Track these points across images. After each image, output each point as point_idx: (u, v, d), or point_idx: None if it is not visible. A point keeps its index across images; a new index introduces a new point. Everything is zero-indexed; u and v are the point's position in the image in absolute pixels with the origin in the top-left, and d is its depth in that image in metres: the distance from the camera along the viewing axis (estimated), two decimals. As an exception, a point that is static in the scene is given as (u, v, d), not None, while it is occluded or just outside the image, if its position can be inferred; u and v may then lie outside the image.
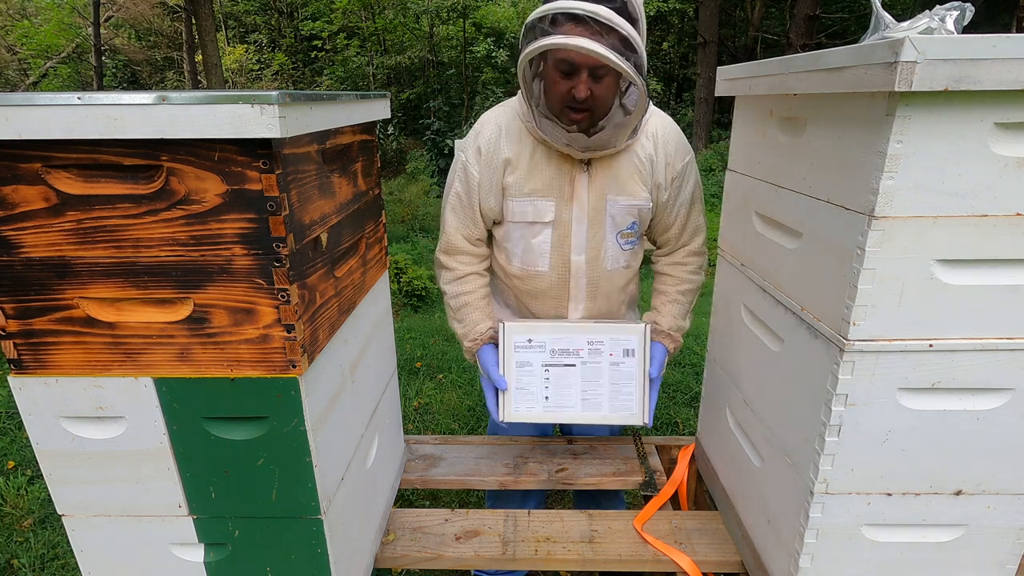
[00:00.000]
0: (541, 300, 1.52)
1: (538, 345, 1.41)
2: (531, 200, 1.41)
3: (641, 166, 1.41)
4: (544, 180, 1.40)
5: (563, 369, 1.40)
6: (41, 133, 0.72)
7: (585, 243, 1.44)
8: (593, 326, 1.43)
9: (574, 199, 1.40)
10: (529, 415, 1.35)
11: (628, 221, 1.44)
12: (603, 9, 1.13)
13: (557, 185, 1.40)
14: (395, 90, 13.75)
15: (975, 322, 0.84)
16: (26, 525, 2.27)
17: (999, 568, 1.00)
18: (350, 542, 1.08)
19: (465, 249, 1.51)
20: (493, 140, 1.41)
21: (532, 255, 1.46)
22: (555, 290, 1.49)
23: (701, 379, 1.59)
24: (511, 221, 1.45)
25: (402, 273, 4.78)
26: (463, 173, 1.44)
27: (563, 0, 1.16)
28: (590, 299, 1.50)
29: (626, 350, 1.40)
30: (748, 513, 1.23)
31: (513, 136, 1.41)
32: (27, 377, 0.87)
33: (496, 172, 1.42)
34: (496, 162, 1.41)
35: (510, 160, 1.40)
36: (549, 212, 1.41)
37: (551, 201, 1.41)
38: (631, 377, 1.39)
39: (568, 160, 1.38)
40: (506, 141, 1.41)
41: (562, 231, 1.43)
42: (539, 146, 1.39)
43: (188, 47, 13.99)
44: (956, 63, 0.69)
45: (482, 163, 1.42)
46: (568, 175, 1.39)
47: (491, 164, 1.41)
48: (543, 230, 1.44)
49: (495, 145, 1.41)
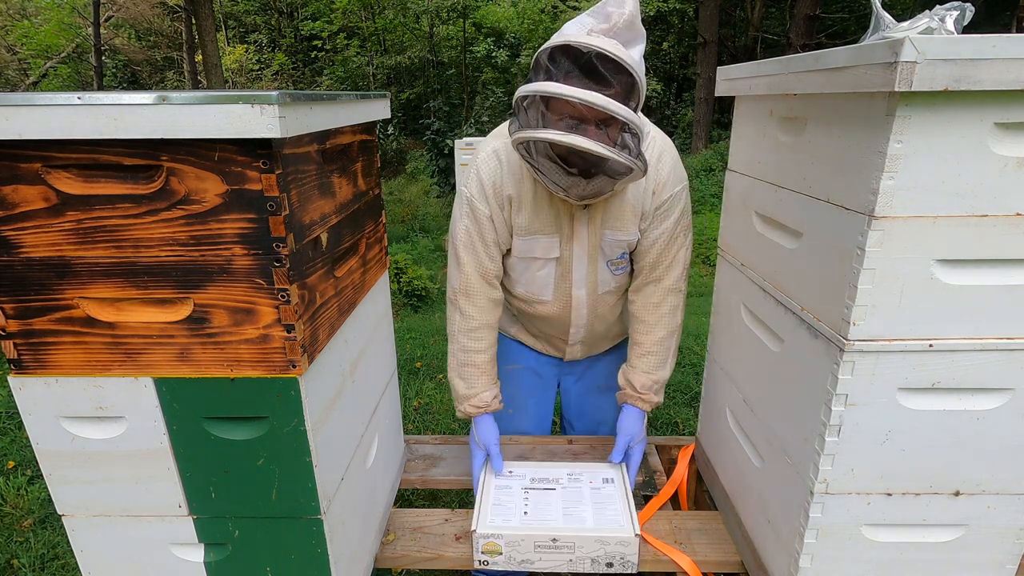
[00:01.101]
0: (544, 322, 1.56)
1: (518, 476, 1.44)
2: (535, 238, 1.41)
3: (635, 200, 1.38)
4: (546, 219, 1.39)
5: (543, 492, 1.38)
6: (41, 133, 0.72)
7: (584, 277, 1.46)
8: (571, 463, 1.49)
9: (575, 238, 1.41)
10: (506, 527, 1.26)
11: (618, 252, 1.44)
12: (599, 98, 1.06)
13: (558, 224, 1.39)
14: (395, 90, 13.75)
15: (975, 322, 0.84)
16: (26, 525, 2.27)
17: (999, 568, 1.00)
18: (350, 542, 1.08)
19: (483, 292, 1.46)
20: (496, 176, 1.38)
21: (536, 285, 1.49)
22: (557, 317, 1.53)
23: (701, 379, 1.59)
24: (516, 256, 1.45)
25: (402, 273, 4.79)
26: (469, 209, 1.41)
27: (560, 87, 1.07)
28: (588, 326, 1.55)
29: (605, 479, 1.42)
30: (748, 513, 1.23)
31: (514, 171, 1.38)
32: (27, 377, 0.87)
33: (503, 206, 1.40)
34: (501, 198, 1.39)
35: (512, 197, 1.38)
36: (553, 249, 1.42)
37: (555, 238, 1.41)
38: (613, 499, 1.35)
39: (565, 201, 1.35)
40: (508, 177, 1.38)
41: (564, 268, 1.45)
42: (539, 183, 1.34)
43: (188, 47, 14.00)
44: (956, 63, 0.69)
45: (489, 198, 1.39)
46: (567, 213, 1.38)
47: (497, 198, 1.39)
48: (546, 265, 1.45)
49: (499, 181, 1.38)
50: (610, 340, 1.67)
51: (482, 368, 1.47)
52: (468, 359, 1.46)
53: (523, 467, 1.47)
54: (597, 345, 1.66)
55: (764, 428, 1.13)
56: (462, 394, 1.48)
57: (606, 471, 1.45)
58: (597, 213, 1.39)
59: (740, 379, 1.27)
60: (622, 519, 1.28)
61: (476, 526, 1.26)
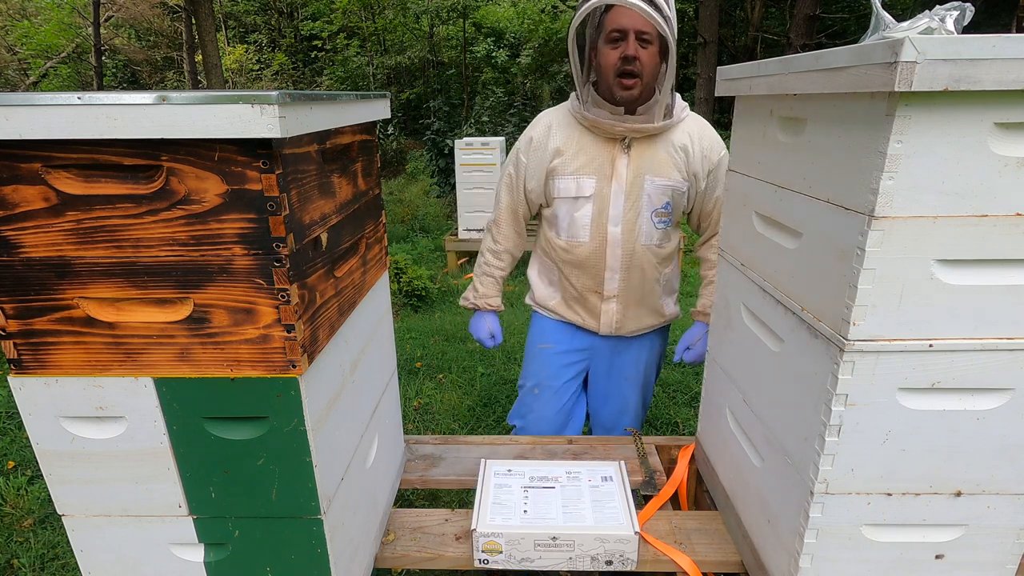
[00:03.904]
0: (581, 270, 1.70)
1: (517, 474, 1.45)
2: (575, 178, 1.62)
3: (676, 154, 1.61)
4: (588, 160, 1.60)
5: (542, 491, 1.39)
6: (41, 133, 0.72)
7: (621, 215, 1.61)
8: (571, 461, 1.52)
9: (614, 177, 1.60)
10: (506, 526, 1.26)
11: (663, 201, 1.62)
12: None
13: (599, 164, 1.60)
14: (395, 90, 13.73)
15: (975, 322, 0.84)
16: (26, 525, 2.27)
17: (999, 568, 1.00)
18: (350, 542, 1.08)
19: (511, 225, 1.80)
20: (544, 132, 1.66)
21: (575, 228, 1.66)
22: (593, 259, 1.67)
23: (701, 379, 1.59)
24: (558, 197, 1.66)
25: (402, 273, 4.78)
26: (515, 158, 1.72)
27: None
28: (624, 269, 1.67)
29: (604, 477, 1.43)
30: (748, 513, 1.23)
31: (563, 127, 1.64)
32: (27, 377, 0.87)
33: (543, 159, 1.66)
34: (545, 151, 1.65)
35: (559, 148, 1.63)
36: (590, 187, 1.61)
37: (592, 178, 1.61)
38: (612, 496, 1.36)
39: (610, 144, 1.59)
40: (557, 132, 1.64)
41: (601, 205, 1.62)
42: (586, 133, 1.61)
43: (188, 47, 13.99)
44: (956, 63, 0.69)
45: (531, 151, 1.67)
46: (609, 156, 1.59)
47: (539, 152, 1.66)
48: (585, 204, 1.63)
49: (545, 136, 1.65)
50: (645, 314, 1.76)
51: (498, 280, 1.86)
52: (490, 271, 1.85)
53: (523, 465, 1.48)
54: (631, 313, 1.74)
55: (764, 428, 1.13)
56: (480, 292, 1.86)
57: (605, 469, 1.45)
58: (636, 158, 1.59)
59: (740, 379, 1.27)
60: (621, 517, 1.29)
61: (476, 525, 1.26)
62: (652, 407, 3.17)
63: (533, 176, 1.68)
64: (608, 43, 1.49)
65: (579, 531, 1.24)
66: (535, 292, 1.86)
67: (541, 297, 1.84)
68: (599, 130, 1.59)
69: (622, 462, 1.47)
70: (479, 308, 1.88)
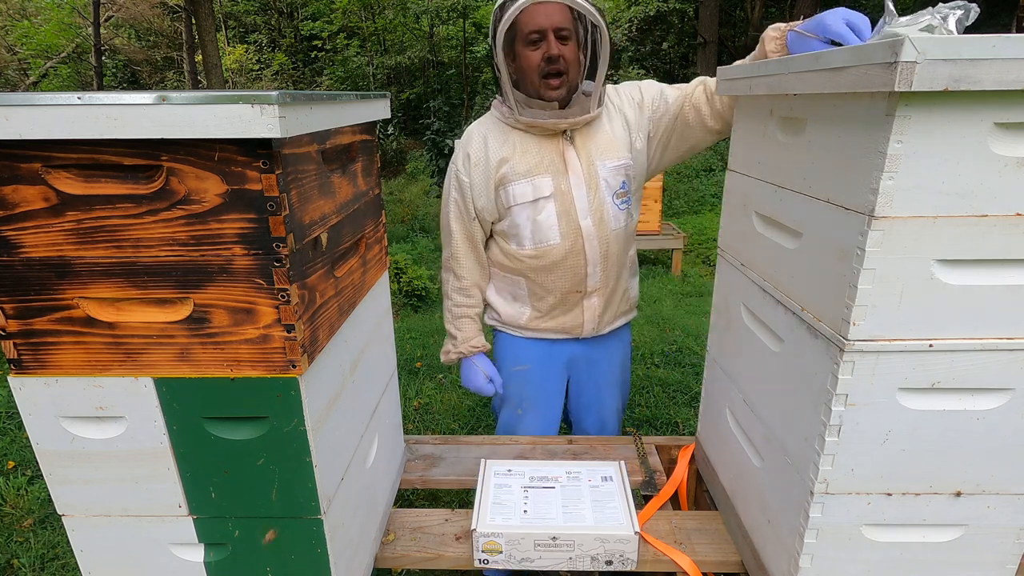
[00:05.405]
0: (558, 273, 1.60)
1: (517, 474, 1.45)
2: (529, 180, 1.54)
3: (614, 129, 1.56)
4: (536, 159, 1.53)
5: (542, 491, 1.38)
6: (41, 133, 0.72)
7: (588, 206, 1.55)
8: (571, 461, 1.51)
9: (568, 169, 1.54)
10: (506, 526, 1.26)
11: (619, 181, 1.57)
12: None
13: (549, 161, 1.53)
14: (395, 90, 13.73)
15: (975, 322, 0.84)
16: (26, 525, 2.27)
17: (999, 568, 1.00)
18: (350, 542, 1.08)
19: (471, 255, 1.67)
20: (480, 145, 1.57)
21: (542, 231, 1.57)
22: (570, 257, 1.58)
23: (701, 379, 1.59)
24: (514, 205, 1.56)
25: (402, 273, 4.78)
26: (456, 182, 1.60)
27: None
28: (603, 260, 1.59)
29: (604, 477, 1.42)
30: (748, 513, 1.23)
31: (499, 135, 1.56)
32: (27, 377, 0.87)
33: (488, 171, 1.56)
34: (488, 163, 1.55)
35: (503, 156, 1.54)
36: (547, 186, 1.53)
37: (547, 176, 1.53)
38: (612, 496, 1.35)
39: (553, 139, 1.54)
40: (494, 141, 1.56)
41: (564, 200, 1.55)
42: (525, 136, 1.55)
43: (188, 47, 13.99)
44: (956, 63, 0.69)
45: (472, 168, 1.57)
46: (557, 150, 1.53)
47: (481, 166, 1.56)
48: (546, 205, 1.55)
49: (483, 149, 1.56)
50: (619, 301, 1.71)
51: (474, 319, 1.71)
52: (464, 312, 1.70)
53: (523, 466, 1.48)
54: (611, 304, 1.69)
55: (764, 428, 1.13)
56: (459, 338, 1.71)
57: (605, 469, 1.45)
58: (583, 146, 1.54)
59: (740, 379, 1.27)
60: (621, 517, 1.29)
61: (476, 525, 1.26)
62: (652, 407, 3.17)
63: (481, 193, 1.57)
64: (527, 45, 1.44)
65: (579, 531, 1.24)
66: (499, 313, 1.74)
67: (508, 316, 1.72)
68: (538, 129, 1.52)
69: (622, 462, 1.47)
70: (465, 356, 1.71)
